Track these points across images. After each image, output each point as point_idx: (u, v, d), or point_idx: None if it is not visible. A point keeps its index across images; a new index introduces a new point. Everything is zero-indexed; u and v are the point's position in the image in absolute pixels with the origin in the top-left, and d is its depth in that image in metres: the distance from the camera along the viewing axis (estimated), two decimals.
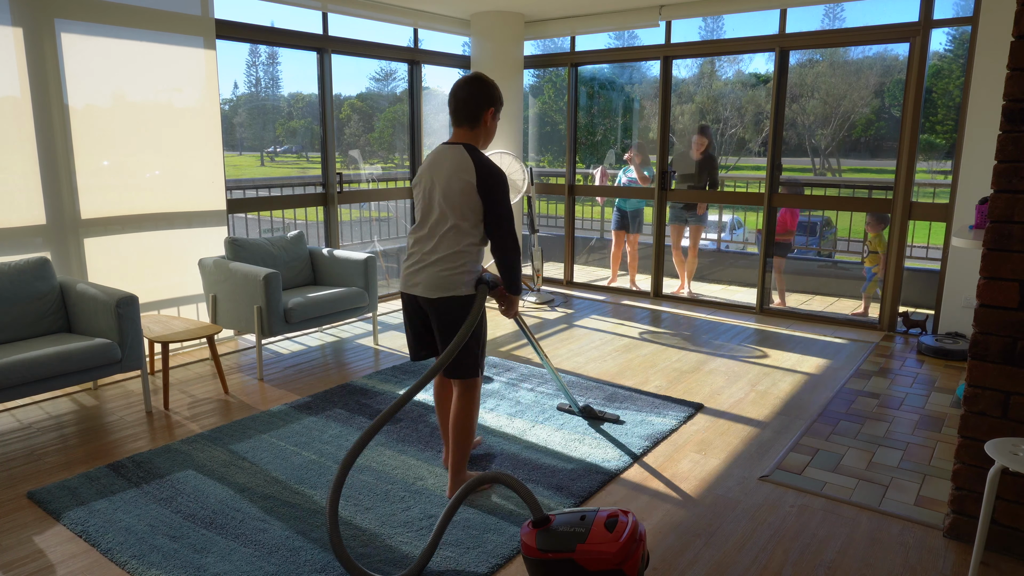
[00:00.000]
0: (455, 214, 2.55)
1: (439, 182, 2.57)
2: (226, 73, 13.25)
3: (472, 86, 2.61)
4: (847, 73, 16.46)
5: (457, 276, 2.57)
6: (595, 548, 2.01)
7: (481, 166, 2.53)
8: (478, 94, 2.60)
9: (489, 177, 2.53)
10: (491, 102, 2.63)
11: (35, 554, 2.42)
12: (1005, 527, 2.39)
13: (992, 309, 2.34)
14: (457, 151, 2.57)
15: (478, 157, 2.56)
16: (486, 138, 2.68)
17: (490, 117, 2.64)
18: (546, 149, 9.93)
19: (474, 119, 2.62)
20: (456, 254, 2.56)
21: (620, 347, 4.84)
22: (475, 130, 2.64)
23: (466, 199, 2.52)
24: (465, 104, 2.60)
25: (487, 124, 2.65)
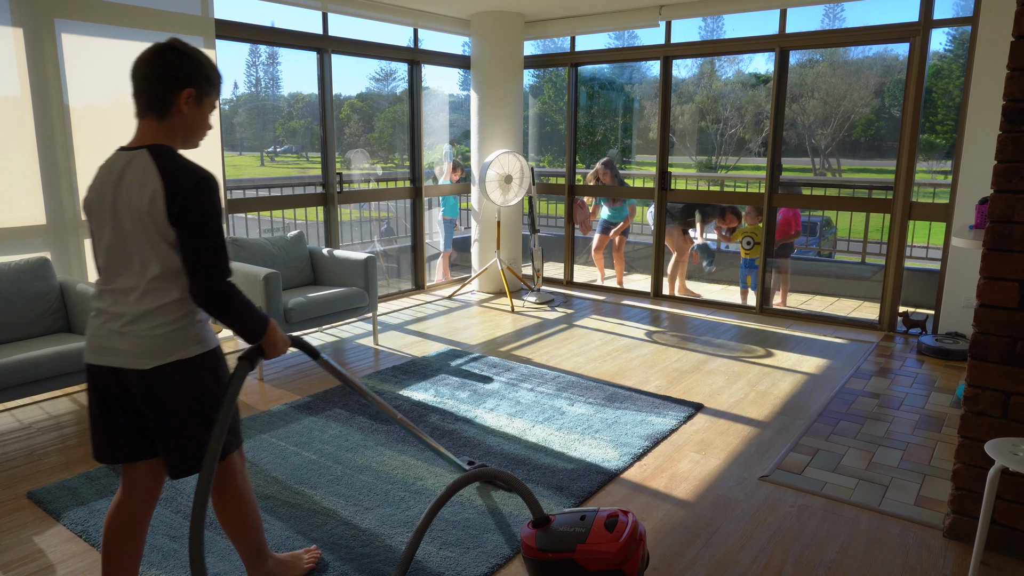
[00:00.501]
0: (153, 249, 1.73)
1: (120, 205, 1.73)
2: (226, 73, 13.25)
3: (157, 59, 1.76)
4: (847, 73, 16.47)
5: (178, 332, 1.78)
6: (595, 548, 2.01)
7: (169, 173, 1.70)
8: (166, 70, 1.75)
9: (182, 190, 1.69)
10: (187, 80, 1.77)
11: (35, 554, 2.42)
12: (1005, 527, 2.39)
13: (992, 309, 2.34)
14: (138, 158, 1.73)
15: (167, 161, 1.72)
16: (187, 132, 1.83)
17: (186, 101, 1.78)
18: (546, 149, 9.94)
19: (163, 105, 1.77)
20: (172, 304, 1.77)
21: (620, 347, 4.84)
22: (165, 121, 1.78)
23: (157, 225, 1.70)
24: (148, 85, 1.76)
25: (182, 111, 1.78)
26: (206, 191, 1.71)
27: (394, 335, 5.15)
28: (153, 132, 1.78)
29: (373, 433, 3.39)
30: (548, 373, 4.24)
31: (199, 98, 1.81)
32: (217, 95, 1.90)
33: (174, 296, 1.76)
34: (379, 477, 2.95)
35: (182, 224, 1.70)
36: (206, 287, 1.73)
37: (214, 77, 1.87)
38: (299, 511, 2.67)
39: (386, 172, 7.70)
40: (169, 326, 1.76)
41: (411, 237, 6.68)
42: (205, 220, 1.71)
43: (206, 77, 1.82)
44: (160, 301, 1.75)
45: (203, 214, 1.71)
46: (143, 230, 1.71)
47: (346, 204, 5.94)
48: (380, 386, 4.02)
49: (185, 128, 1.82)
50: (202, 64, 1.82)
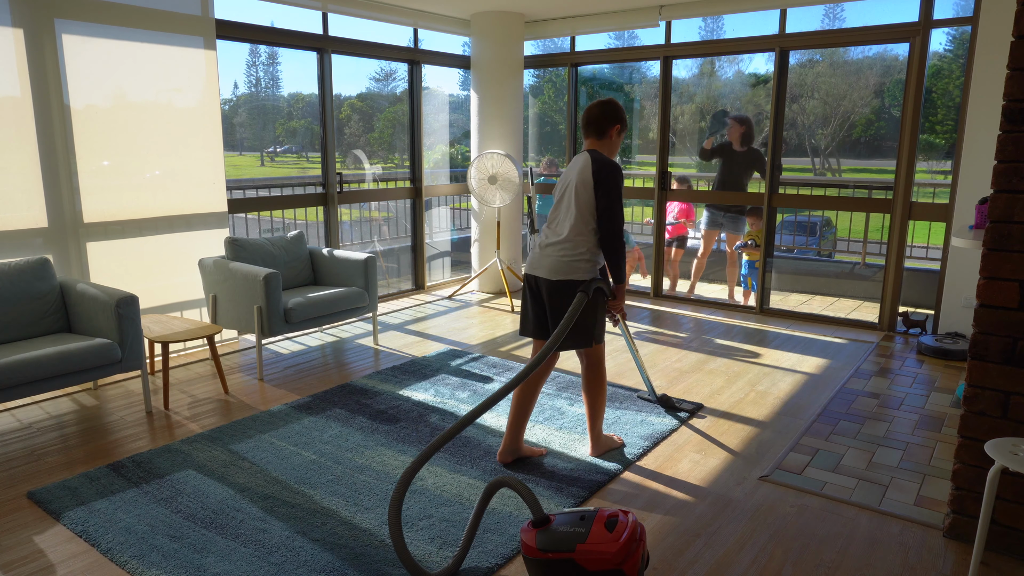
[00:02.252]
0: (578, 207, 2.88)
1: (572, 180, 2.94)
2: (226, 73, 13.26)
3: (606, 108, 2.99)
4: (847, 73, 16.47)
5: (575, 263, 2.87)
6: (595, 548, 2.01)
7: (599, 163, 2.88)
8: (609, 114, 2.99)
9: (602, 173, 2.85)
10: (617, 119, 3.00)
11: (35, 554, 2.42)
12: (1005, 527, 2.39)
13: (992, 309, 2.34)
14: (584, 156, 2.95)
15: (598, 157, 2.92)
16: (612, 148, 3.02)
17: (616, 133, 3.01)
18: (546, 149, 9.93)
19: (602, 134, 2.99)
20: (577, 243, 2.87)
21: (620, 347, 4.84)
22: (601, 141, 2.99)
23: (589, 196, 2.86)
24: (596, 120, 2.99)
25: (611, 138, 3.00)
26: (614, 173, 2.88)
27: (394, 335, 5.15)
28: (593, 145, 3.01)
29: (373, 433, 3.39)
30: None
31: (621, 131, 3.02)
32: (626, 128, 3.06)
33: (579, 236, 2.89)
34: (379, 477, 2.95)
35: (597, 191, 2.86)
36: (607, 228, 2.87)
37: (625, 118, 3.03)
38: (299, 511, 2.67)
39: (386, 172, 7.69)
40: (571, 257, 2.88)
41: (411, 237, 6.68)
42: (612, 190, 2.87)
43: (624, 118, 3.02)
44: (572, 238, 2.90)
45: (611, 186, 2.86)
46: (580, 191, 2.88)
47: (346, 204, 5.94)
48: (380, 386, 4.02)
49: (609, 147, 3.01)
50: (622, 110, 3.02)
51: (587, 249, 2.86)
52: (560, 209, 2.93)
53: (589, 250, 2.86)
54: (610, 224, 2.84)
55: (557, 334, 2.63)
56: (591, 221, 2.85)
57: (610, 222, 2.84)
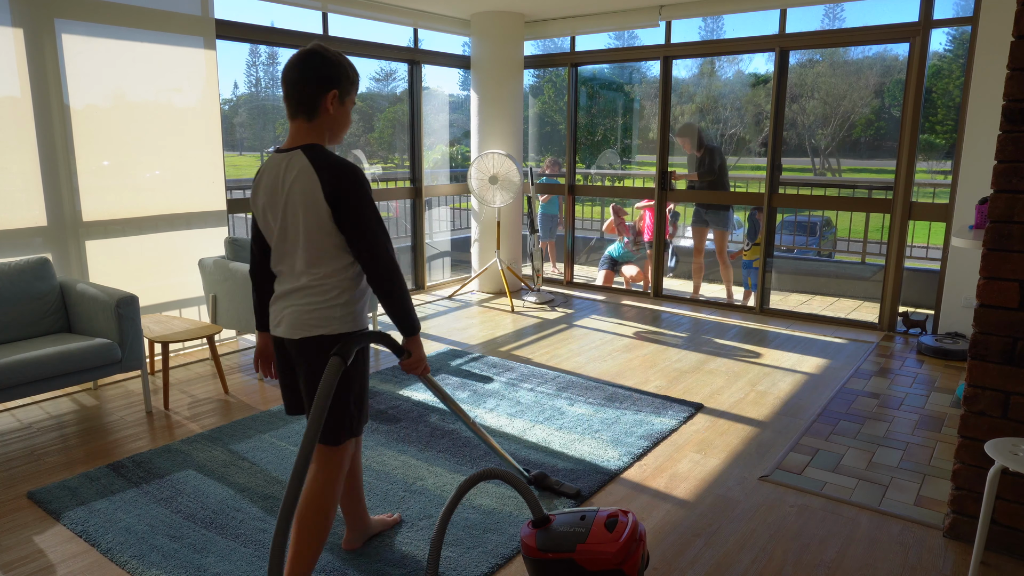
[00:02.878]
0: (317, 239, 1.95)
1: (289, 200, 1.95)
2: (226, 73, 13.28)
3: (305, 64, 1.93)
4: (847, 73, 16.48)
5: (326, 311, 1.98)
6: (595, 548, 2.00)
7: (328, 170, 1.89)
8: (313, 73, 1.92)
9: (341, 188, 1.89)
10: (331, 82, 1.94)
11: (35, 554, 2.42)
12: (1005, 527, 2.39)
13: (992, 309, 2.34)
14: (296, 158, 1.92)
15: (322, 159, 1.91)
16: (333, 130, 2.01)
17: (331, 102, 1.95)
18: (546, 149, 9.94)
19: (311, 108, 1.95)
20: (324, 287, 1.98)
21: (620, 347, 4.84)
22: (314, 121, 1.96)
23: (322, 220, 1.91)
24: (295, 88, 1.94)
25: (329, 112, 1.96)
26: (359, 178, 1.93)
27: (394, 335, 5.14)
28: (305, 132, 1.97)
29: (373, 433, 3.38)
30: (548, 373, 4.24)
31: (341, 98, 1.98)
32: (357, 91, 2.07)
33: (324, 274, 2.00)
34: (379, 477, 2.95)
35: (341, 211, 1.91)
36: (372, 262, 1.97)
37: (354, 77, 2.02)
38: None
39: (386, 172, 7.69)
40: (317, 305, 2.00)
41: (411, 237, 6.68)
42: (366, 204, 1.94)
43: (346, 77, 1.98)
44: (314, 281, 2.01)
45: (359, 198, 1.92)
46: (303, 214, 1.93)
47: None
48: (380, 386, 4.02)
49: (332, 125, 2.00)
50: (343, 65, 1.97)
51: (339, 291, 1.98)
52: (287, 241, 1.98)
53: (343, 291, 1.99)
54: (374, 261, 1.93)
55: (312, 425, 1.78)
56: (338, 252, 1.96)
57: (374, 259, 1.93)
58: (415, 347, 2.08)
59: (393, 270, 1.96)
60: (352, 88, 2.02)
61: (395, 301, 1.97)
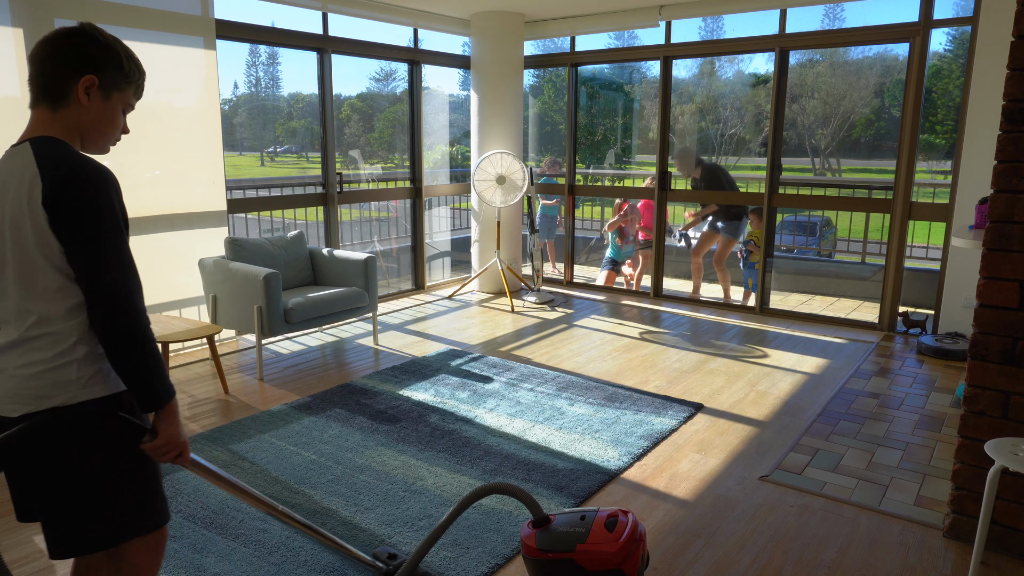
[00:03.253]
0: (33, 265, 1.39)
1: (5, 211, 1.40)
2: (226, 73, 13.29)
3: (59, 40, 1.45)
4: (847, 73, 16.48)
5: (57, 371, 1.41)
6: (595, 548, 2.00)
7: (54, 166, 1.37)
8: (71, 51, 1.44)
9: (66, 188, 1.35)
10: (91, 64, 1.44)
11: (35, 554, 2.42)
12: (1005, 527, 2.39)
13: (992, 309, 2.34)
14: (21, 154, 1.42)
15: (52, 153, 1.39)
16: (94, 126, 1.49)
17: (84, 91, 1.44)
18: (546, 149, 9.94)
19: (58, 94, 1.44)
20: (52, 336, 1.41)
21: (620, 347, 4.84)
22: (60, 112, 1.45)
23: (39, 236, 1.36)
24: (42, 69, 1.45)
25: (81, 102, 1.45)
26: (94, 186, 1.38)
27: (394, 335, 5.15)
28: (45, 121, 1.46)
29: (373, 433, 3.39)
30: (548, 373, 4.24)
31: (105, 89, 1.47)
32: (135, 92, 1.54)
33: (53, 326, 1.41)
34: (379, 477, 2.95)
35: (64, 228, 1.36)
36: (100, 297, 1.38)
37: (130, 69, 1.50)
38: (299, 511, 2.67)
39: (386, 172, 7.69)
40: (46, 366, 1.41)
41: (411, 237, 6.68)
42: (100, 219, 1.38)
43: (117, 66, 1.47)
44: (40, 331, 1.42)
45: (92, 212, 1.37)
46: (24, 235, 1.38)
47: (346, 204, 5.94)
48: (380, 386, 4.02)
49: (90, 119, 1.47)
50: (115, 51, 1.48)
51: (75, 340, 1.41)
52: (4, 271, 1.41)
53: (80, 340, 1.42)
54: (106, 300, 1.37)
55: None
56: (67, 284, 1.40)
57: (106, 297, 1.37)
58: (166, 423, 1.47)
59: (130, 313, 1.37)
60: (124, 81, 1.49)
61: (130, 359, 1.38)
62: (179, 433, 1.51)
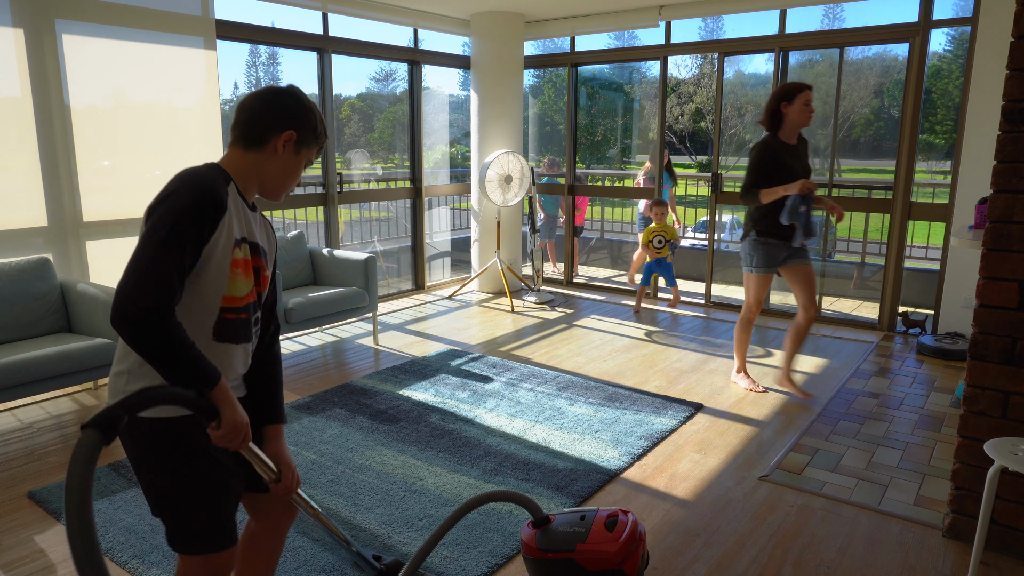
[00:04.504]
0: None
1: None
2: (226, 73, 13.28)
3: (269, 97, 1.61)
4: (847, 73, 16.50)
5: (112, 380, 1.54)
6: (595, 548, 2.01)
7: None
8: (276, 108, 1.60)
9: (158, 198, 1.50)
10: (293, 121, 1.60)
11: (36, 554, 2.42)
12: (1005, 527, 2.40)
13: (992, 309, 2.34)
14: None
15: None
16: (279, 175, 1.63)
17: (284, 143, 1.59)
18: (546, 149, 9.94)
19: (257, 140, 1.59)
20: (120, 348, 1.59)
21: (620, 347, 4.84)
22: (250, 152, 1.60)
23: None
24: (249, 117, 1.61)
25: (277, 152, 1.60)
26: (170, 193, 1.48)
27: (394, 335, 5.15)
28: (237, 159, 1.61)
29: (373, 433, 3.39)
30: (548, 373, 4.24)
31: (299, 144, 1.62)
32: (318, 151, 1.70)
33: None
34: (379, 477, 2.95)
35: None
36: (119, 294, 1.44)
37: (320, 131, 1.66)
38: None
39: (386, 172, 7.70)
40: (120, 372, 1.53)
41: (411, 237, 6.68)
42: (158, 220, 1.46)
43: (313, 127, 1.64)
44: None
45: (159, 215, 1.47)
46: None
47: (346, 204, 5.94)
48: (380, 386, 4.03)
49: (272, 169, 1.61)
50: (313, 113, 1.64)
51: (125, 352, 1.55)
52: None
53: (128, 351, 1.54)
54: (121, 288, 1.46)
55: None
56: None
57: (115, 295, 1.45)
58: (223, 405, 1.46)
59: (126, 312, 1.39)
60: (313, 141, 1.65)
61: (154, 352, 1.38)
62: (236, 416, 1.48)
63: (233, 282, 1.54)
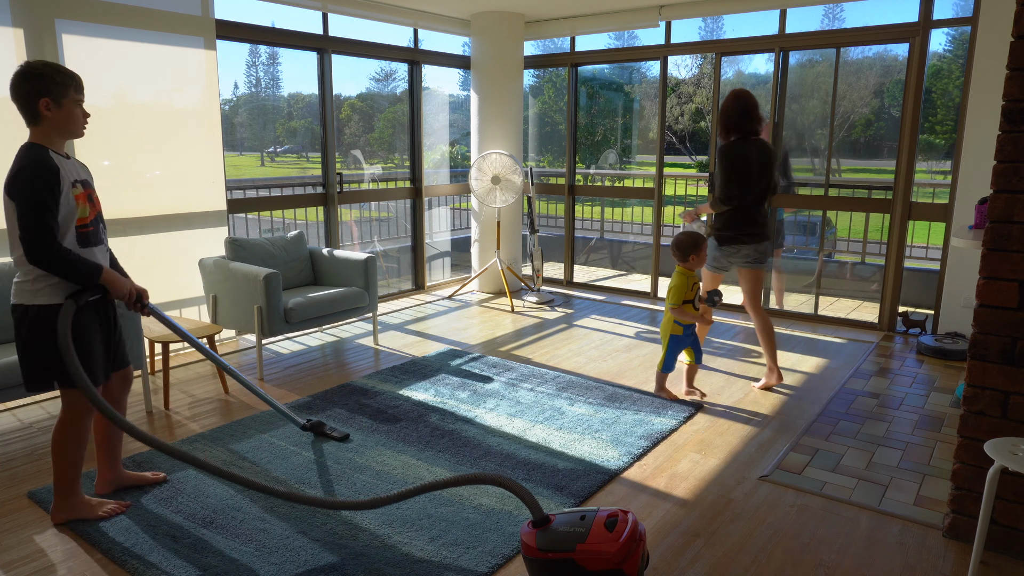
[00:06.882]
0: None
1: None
2: (226, 73, 13.27)
3: (14, 82, 2.31)
4: (847, 73, 16.47)
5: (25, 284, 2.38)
6: (595, 548, 2.01)
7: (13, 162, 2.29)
8: (26, 89, 2.30)
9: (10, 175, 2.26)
10: (43, 92, 2.30)
11: (35, 554, 2.42)
12: (1005, 527, 2.40)
13: (992, 309, 2.34)
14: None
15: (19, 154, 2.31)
16: (60, 129, 2.37)
17: (46, 107, 2.31)
18: (546, 149, 9.94)
19: (31, 117, 2.33)
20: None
21: (620, 347, 4.84)
22: (39, 127, 2.34)
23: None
24: (17, 104, 2.33)
25: (46, 114, 2.32)
26: (24, 174, 2.26)
27: (394, 335, 5.15)
28: (35, 135, 2.37)
29: (373, 433, 3.39)
30: (548, 373, 4.24)
31: (55, 103, 2.33)
32: (76, 91, 2.40)
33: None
34: (379, 477, 2.95)
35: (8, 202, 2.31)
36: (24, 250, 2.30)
37: (60, 78, 2.33)
38: (299, 511, 2.67)
39: (386, 172, 7.69)
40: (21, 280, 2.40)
41: (411, 237, 6.68)
42: (23, 196, 2.25)
43: (53, 82, 2.32)
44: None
45: (19, 192, 2.26)
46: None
47: (346, 204, 5.94)
48: (380, 386, 4.03)
49: (55, 126, 2.36)
50: (46, 75, 2.31)
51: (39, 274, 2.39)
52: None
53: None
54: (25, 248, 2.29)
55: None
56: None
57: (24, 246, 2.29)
58: (109, 287, 2.50)
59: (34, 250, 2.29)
60: (64, 90, 2.35)
61: (60, 270, 2.35)
62: (121, 286, 2.57)
63: (80, 208, 2.40)
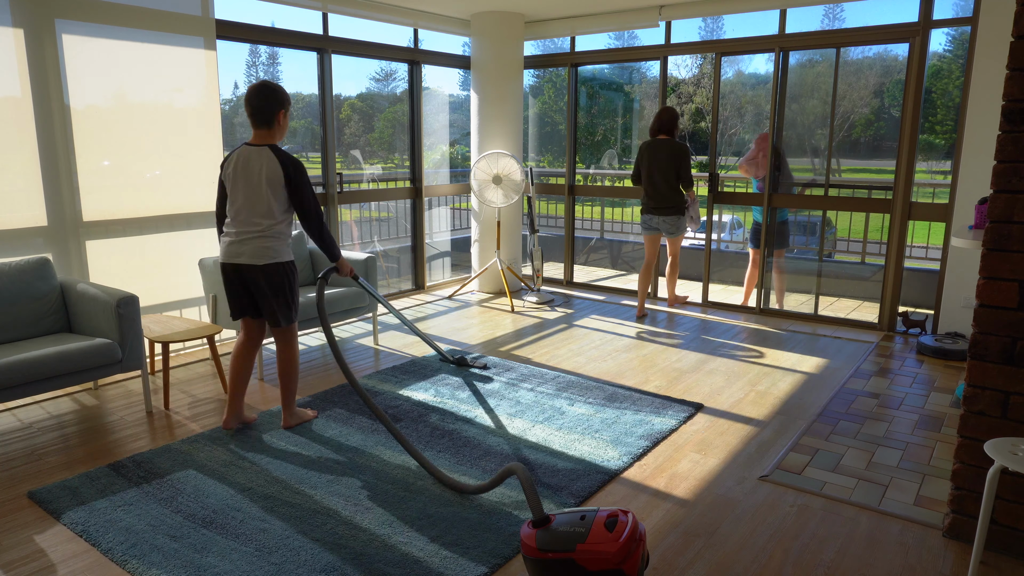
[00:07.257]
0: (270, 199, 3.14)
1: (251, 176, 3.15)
2: (226, 73, 13.30)
3: (263, 92, 3.12)
4: (847, 73, 16.48)
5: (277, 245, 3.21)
6: (595, 548, 2.01)
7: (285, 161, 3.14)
8: (271, 99, 3.13)
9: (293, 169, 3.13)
10: (281, 104, 3.16)
11: (36, 554, 2.42)
12: (1005, 527, 2.40)
13: (992, 309, 2.34)
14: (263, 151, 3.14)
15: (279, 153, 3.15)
16: (281, 135, 3.21)
17: (282, 117, 3.18)
18: (546, 149, 9.94)
19: (269, 122, 3.15)
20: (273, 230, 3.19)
21: (620, 347, 4.84)
22: (271, 130, 3.17)
23: (275, 189, 3.12)
24: (260, 110, 3.12)
25: (280, 124, 3.18)
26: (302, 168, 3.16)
27: (394, 335, 5.15)
28: (264, 136, 3.18)
29: (373, 433, 3.39)
30: (548, 373, 4.24)
31: (286, 114, 3.20)
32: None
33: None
34: (379, 477, 2.95)
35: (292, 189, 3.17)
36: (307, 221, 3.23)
37: (290, 100, 3.22)
38: (299, 511, 2.67)
39: (386, 172, 7.69)
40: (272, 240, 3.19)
41: (411, 237, 6.68)
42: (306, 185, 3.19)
43: (289, 101, 3.20)
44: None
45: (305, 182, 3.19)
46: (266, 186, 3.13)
47: (346, 204, 5.94)
48: (380, 386, 4.03)
49: (280, 132, 3.21)
50: (285, 93, 3.20)
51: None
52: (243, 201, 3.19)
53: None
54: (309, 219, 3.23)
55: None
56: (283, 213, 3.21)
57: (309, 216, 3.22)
58: (341, 262, 3.48)
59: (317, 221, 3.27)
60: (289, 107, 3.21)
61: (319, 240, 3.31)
62: (346, 263, 3.51)
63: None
